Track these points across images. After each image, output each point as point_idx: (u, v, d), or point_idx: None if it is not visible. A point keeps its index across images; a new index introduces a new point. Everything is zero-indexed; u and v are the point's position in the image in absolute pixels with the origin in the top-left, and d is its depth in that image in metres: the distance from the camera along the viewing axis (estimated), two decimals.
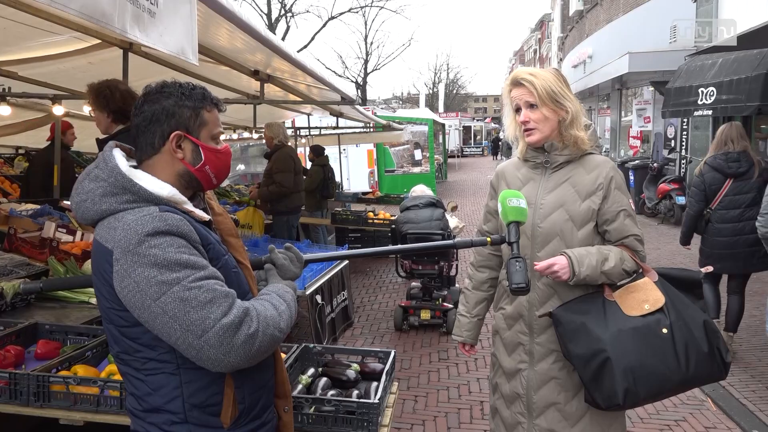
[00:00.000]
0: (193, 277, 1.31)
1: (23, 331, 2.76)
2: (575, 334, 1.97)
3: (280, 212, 6.57)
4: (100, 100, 3.06)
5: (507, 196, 1.91)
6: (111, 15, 1.64)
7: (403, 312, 5.84)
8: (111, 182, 1.39)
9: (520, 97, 2.09)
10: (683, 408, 4.09)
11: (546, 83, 2.05)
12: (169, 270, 1.30)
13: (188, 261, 1.32)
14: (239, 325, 1.32)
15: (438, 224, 5.63)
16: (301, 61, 4.54)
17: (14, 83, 5.04)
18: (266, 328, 1.37)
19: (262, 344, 1.36)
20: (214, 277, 1.36)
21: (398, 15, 62.76)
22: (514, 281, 1.81)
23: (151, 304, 1.29)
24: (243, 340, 1.32)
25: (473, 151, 44.12)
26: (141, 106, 1.47)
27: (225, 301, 1.33)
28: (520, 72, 2.12)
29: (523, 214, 1.89)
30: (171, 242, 1.32)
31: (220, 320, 1.30)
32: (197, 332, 1.29)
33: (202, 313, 1.29)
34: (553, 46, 38.81)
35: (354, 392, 2.52)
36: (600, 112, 21.13)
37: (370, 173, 17.38)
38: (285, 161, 6.43)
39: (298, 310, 1.58)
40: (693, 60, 9.51)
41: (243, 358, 1.33)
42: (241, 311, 1.34)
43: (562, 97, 2.06)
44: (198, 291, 1.30)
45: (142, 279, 1.29)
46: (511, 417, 2.21)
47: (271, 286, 1.56)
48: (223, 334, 1.30)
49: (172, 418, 1.42)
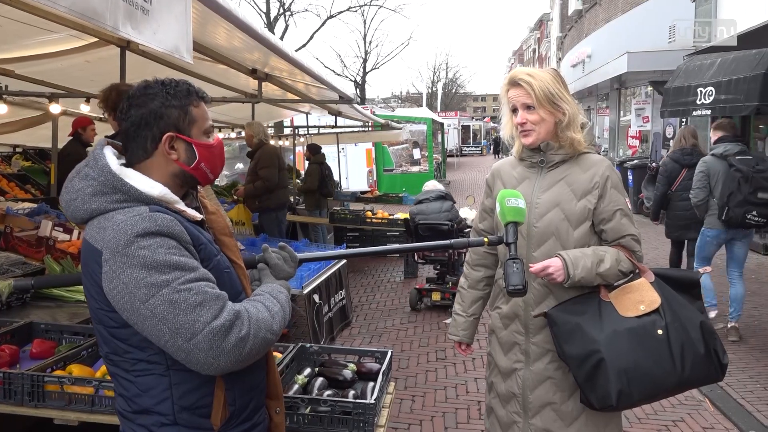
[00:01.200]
0: (182, 279, 1.29)
1: (18, 331, 2.75)
2: (570, 335, 1.96)
3: (268, 209, 6.52)
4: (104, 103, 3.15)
5: (505, 195, 1.89)
6: (102, 12, 1.63)
7: (418, 293, 6.53)
8: (101, 181, 1.38)
9: (517, 98, 2.08)
10: (681, 408, 4.08)
11: (544, 85, 2.04)
12: (159, 272, 1.28)
13: (178, 262, 1.31)
14: (230, 328, 1.30)
15: (446, 215, 6.20)
16: (299, 59, 4.53)
17: (11, 81, 5.02)
18: (258, 331, 1.35)
19: (254, 347, 1.34)
20: (204, 279, 1.34)
21: (397, 14, 62.93)
22: (511, 283, 1.80)
23: (140, 306, 1.28)
24: (233, 344, 1.30)
25: (472, 151, 44.19)
26: (127, 110, 1.43)
27: (215, 303, 1.31)
28: (518, 72, 2.10)
29: (521, 214, 1.88)
30: (161, 243, 1.30)
31: (209, 323, 1.28)
32: (186, 335, 1.27)
33: (191, 316, 1.28)
34: (552, 45, 38.82)
35: (350, 392, 2.52)
36: (599, 112, 21.13)
37: (369, 172, 17.37)
38: (269, 157, 6.38)
39: (295, 309, 1.56)
40: (692, 60, 9.51)
41: (233, 361, 1.32)
42: (231, 314, 1.32)
43: (559, 99, 2.06)
44: (188, 293, 1.29)
45: (130, 281, 1.28)
46: (507, 416, 2.20)
47: (264, 287, 1.54)
48: (212, 337, 1.28)
49: (162, 419, 1.40)
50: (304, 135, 12.43)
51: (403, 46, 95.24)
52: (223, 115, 8.56)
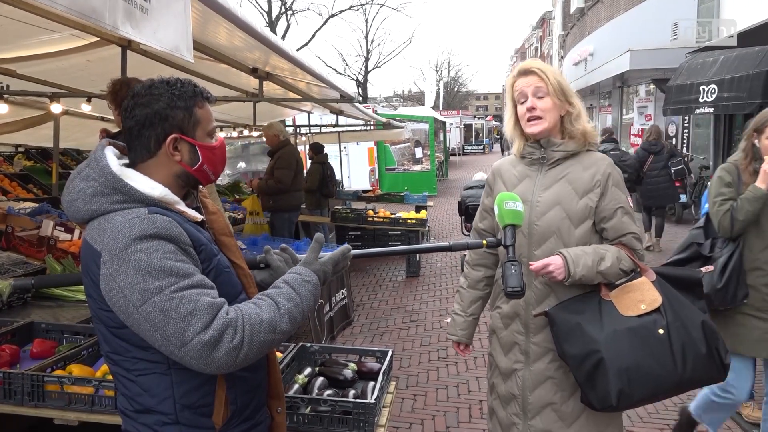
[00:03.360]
0: (175, 287, 1.28)
1: (19, 330, 2.75)
2: (570, 334, 1.95)
3: (282, 209, 6.61)
4: (112, 96, 3.08)
5: (504, 198, 1.89)
6: (101, 11, 1.62)
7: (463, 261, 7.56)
8: (101, 182, 1.37)
9: (529, 84, 2.07)
10: None
11: (557, 74, 2.08)
12: (153, 277, 1.27)
13: (173, 268, 1.29)
14: (218, 339, 1.28)
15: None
16: (299, 58, 4.52)
17: (12, 81, 5.02)
18: (254, 336, 1.33)
19: (249, 353, 1.33)
20: (199, 285, 1.32)
21: (399, 13, 62.36)
22: (509, 285, 1.79)
23: (134, 311, 1.28)
24: (224, 353, 1.29)
25: (474, 149, 44.17)
26: (132, 109, 1.43)
27: (207, 313, 1.29)
28: (532, 62, 2.13)
29: (519, 217, 1.87)
30: (157, 247, 1.30)
31: (198, 334, 1.27)
32: (177, 344, 1.27)
33: (181, 325, 1.27)
34: (555, 43, 38.73)
35: (351, 392, 2.51)
36: (601, 110, 21.08)
37: (371, 171, 17.36)
38: (288, 159, 6.50)
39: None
40: (694, 57, 9.48)
41: (226, 367, 1.31)
42: (222, 324, 1.29)
43: (569, 92, 2.08)
44: (179, 302, 1.27)
45: (126, 284, 1.28)
46: (507, 418, 2.19)
47: (288, 275, 1.48)
48: (201, 348, 1.27)
49: (163, 419, 1.40)
50: (306, 134, 12.43)
51: (405, 44, 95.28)
52: (225, 114, 8.56)
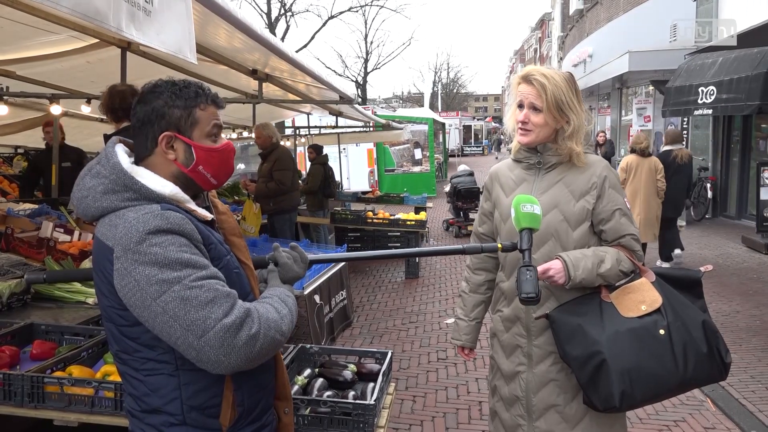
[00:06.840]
0: (194, 276, 1.29)
1: (19, 332, 2.75)
2: (571, 336, 1.95)
3: (283, 210, 6.60)
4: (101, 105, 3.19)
5: (521, 201, 1.85)
6: (105, 13, 1.62)
7: (448, 226, 11.54)
8: (112, 179, 1.37)
9: (526, 95, 2.05)
10: (683, 408, 4.07)
11: (557, 90, 2.00)
12: (170, 269, 1.28)
13: (189, 260, 1.30)
14: (240, 325, 1.30)
15: (475, 183, 11.16)
16: (298, 59, 4.53)
17: (12, 82, 5.03)
18: (268, 330, 1.34)
19: (264, 346, 1.33)
20: (215, 276, 1.34)
21: (398, 14, 62.92)
22: (524, 290, 1.76)
23: (152, 303, 1.27)
24: (244, 341, 1.30)
25: (473, 151, 44.22)
26: (135, 107, 1.45)
27: (226, 301, 1.31)
28: (534, 70, 2.06)
29: (536, 220, 1.83)
30: (172, 241, 1.30)
31: (221, 320, 1.28)
32: (198, 332, 1.27)
33: (202, 312, 1.27)
34: (554, 45, 38.77)
35: (350, 393, 2.52)
36: (600, 111, 21.10)
37: (370, 172, 17.37)
38: (285, 160, 6.49)
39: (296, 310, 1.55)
40: (693, 59, 9.50)
41: (244, 359, 1.31)
42: (242, 311, 1.31)
43: (568, 108, 2.02)
44: (199, 290, 1.28)
45: (142, 277, 1.27)
46: (511, 420, 2.19)
47: (272, 290, 1.53)
48: (224, 334, 1.27)
49: (171, 419, 1.40)
50: (306, 135, 12.44)
51: (405, 46, 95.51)
52: (224, 115, 8.54)
